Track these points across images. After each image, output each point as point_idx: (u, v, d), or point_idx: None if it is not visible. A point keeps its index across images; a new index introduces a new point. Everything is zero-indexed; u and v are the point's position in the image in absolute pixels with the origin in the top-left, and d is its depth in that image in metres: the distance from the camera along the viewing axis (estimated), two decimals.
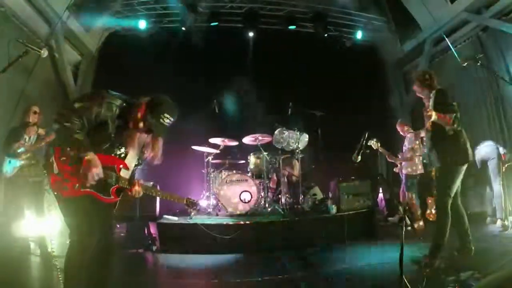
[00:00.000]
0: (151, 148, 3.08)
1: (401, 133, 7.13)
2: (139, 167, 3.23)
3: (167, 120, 2.92)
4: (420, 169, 6.77)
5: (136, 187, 2.97)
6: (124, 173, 2.98)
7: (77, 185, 2.71)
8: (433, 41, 9.09)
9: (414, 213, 6.64)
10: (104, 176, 2.73)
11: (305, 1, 9.56)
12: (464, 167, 4.34)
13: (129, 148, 2.96)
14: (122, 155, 2.97)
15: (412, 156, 6.73)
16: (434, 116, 4.16)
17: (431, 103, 4.39)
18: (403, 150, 7.03)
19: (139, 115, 2.87)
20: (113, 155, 2.91)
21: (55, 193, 2.74)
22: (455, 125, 4.30)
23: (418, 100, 8.95)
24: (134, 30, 9.61)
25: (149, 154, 3.10)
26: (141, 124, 2.88)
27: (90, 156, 2.62)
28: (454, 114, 4.27)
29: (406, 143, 6.98)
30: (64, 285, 2.77)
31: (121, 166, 2.94)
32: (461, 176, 4.34)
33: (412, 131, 6.97)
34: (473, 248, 4.32)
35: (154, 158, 3.11)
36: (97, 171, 2.64)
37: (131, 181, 2.98)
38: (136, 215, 6.09)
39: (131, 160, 3.04)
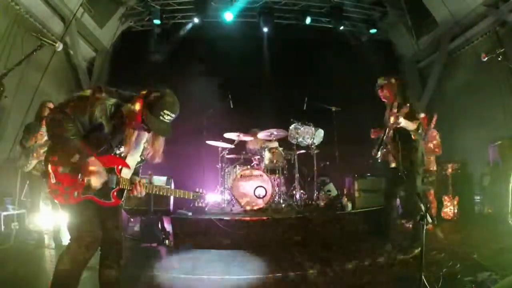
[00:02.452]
0: (151, 145, 2.87)
1: None
2: (142, 163, 3.03)
3: (168, 117, 2.65)
4: (433, 166, 6.60)
5: (138, 188, 2.80)
6: (126, 172, 2.83)
7: (76, 192, 2.59)
8: (449, 37, 8.91)
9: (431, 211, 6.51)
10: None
11: None
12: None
13: (128, 147, 2.75)
14: (122, 154, 2.80)
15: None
16: (403, 121, 4.42)
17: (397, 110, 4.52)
18: None
19: (135, 113, 2.62)
20: (112, 155, 2.75)
21: (55, 201, 2.65)
22: (420, 131, 4.75)
23: (433, 97, 8.92)
24: (148, 26, 9.68)
25: (149, 151, 2.89)
26: (138, 123, 2.65)
27: (91, 160, 2.50)
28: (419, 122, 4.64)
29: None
30: (51, 285, 2.60)
31: (120, 166, 2.78)
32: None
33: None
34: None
35: (154, 156, 2.89)
36: (101, 175, 2.55)
37: (132, 181, 2.82)
38: (150, 209, 6.12)
39: (133, 158, 2.86)
